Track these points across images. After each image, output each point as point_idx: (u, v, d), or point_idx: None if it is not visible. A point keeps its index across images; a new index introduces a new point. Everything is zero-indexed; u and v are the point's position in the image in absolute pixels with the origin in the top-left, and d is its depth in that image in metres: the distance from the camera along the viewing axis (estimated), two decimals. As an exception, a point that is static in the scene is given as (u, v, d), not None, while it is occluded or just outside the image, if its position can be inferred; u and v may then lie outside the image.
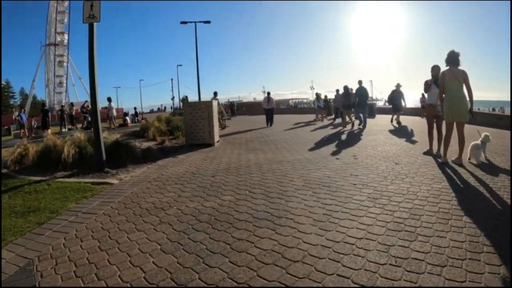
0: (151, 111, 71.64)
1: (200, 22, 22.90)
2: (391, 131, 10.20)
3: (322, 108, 17.39)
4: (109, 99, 16.03)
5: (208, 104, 8.60)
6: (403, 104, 12.87)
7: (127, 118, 15.78)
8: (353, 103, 11.94)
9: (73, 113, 23.12)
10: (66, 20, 47.73)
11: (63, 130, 19.13)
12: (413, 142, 7.67)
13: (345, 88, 12.75)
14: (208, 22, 23.04)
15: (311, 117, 19.00)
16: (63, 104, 28.79)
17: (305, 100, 65.98)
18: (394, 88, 12.94)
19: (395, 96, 12.66)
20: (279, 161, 5.95)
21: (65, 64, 51.91)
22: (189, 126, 8.77)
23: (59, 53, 50.20)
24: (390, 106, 13.64)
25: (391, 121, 12.83)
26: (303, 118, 19.23)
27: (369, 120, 13.20)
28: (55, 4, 45.62)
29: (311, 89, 79.15)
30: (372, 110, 17.08)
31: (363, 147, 7.27)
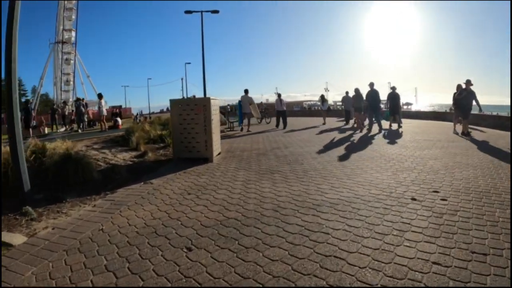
0: (161, 111, 70.11)
1: (207, 11, 20.59)
2: (453, 143, 7.51)
3: (326, 111, 17.28)
4: (99, 96, 13.80)
5: (205, 103, 6.14)
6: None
7: (118, 119, 13.56)
8: (364, 106, 11.69)
9: (66, 112, 21.33)
10: (73, 17, 46.31)
11: (54, 131, 17.15)
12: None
13: (356, 90, 12.38)
14: (216, 11, 20.65)
15: (328, 120, 16.59)
16: (54, 103, 26.94)
17: (319, 103, 62.85)
18: (390, 90, 12.59)
19: (392, 99, 12.34)
20: (316, 205, 3.40)
21: (72, 61, 50.61)
22: (177, 133, 6.33)
23: (66, 50, 48.90)
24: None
25: (390, 125, 12.18)
26: (320, 121, 16.67)
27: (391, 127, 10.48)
28: (64, 1, 44.29)
29: (326, 91, 76.23)
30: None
31: (445, 169, 4.66)
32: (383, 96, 12.75)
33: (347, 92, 15.79)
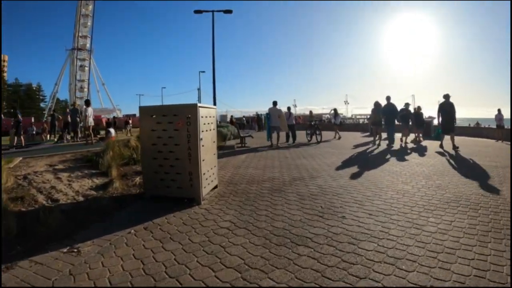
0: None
1: (219, 11, 18.69)
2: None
3: (338, 125, 16.02)
4: (87, 103, 11.98)
5: (189, 112, 3.95)
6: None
7: (110, 130, 11.71)
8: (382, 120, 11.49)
9: (69, 120, 19.88)
10: (89, 24, 46.33)
11: (50, 139, 15.46)
12: None
13: (376, 104, 11.77)
14: (230, 11, 18.68)
15: (354, 135, 14.39)
16: (54, 109, 25.72)
17: (329, 116, 59.79)
18: (403, 106, 12.43)
19: (405, 116, 12.13)
20: None
21: (86, 68, 50.60)
22: (149, 159, 4.21)
23: (81, 57, 48.93)
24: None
25: (402, 141, 11.56)
26: (345, 135, 14.35)
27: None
28: (80, 8, 44.31)
29: (345, 103, 73.44)
30: (428, 129, 15.42)
31: None
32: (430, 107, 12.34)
33: (376, 104, 13.57)
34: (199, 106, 3.98)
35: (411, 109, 13.05)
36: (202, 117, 4.05)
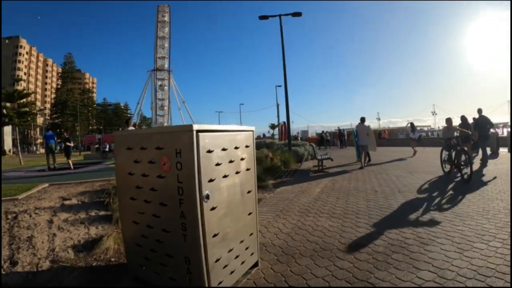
0: None
1: (287, 15, 16.82)
2: None
3: (416, 140, 13.84)
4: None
5: (180, 142, 1.95)
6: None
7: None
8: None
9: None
10: (166, 45, 49.99)
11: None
12: None
13: (463, 118, 10.19)
14: (299, 14, 16.62)
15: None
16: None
17: (425, 128, 51.80)
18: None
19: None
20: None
21: (166, 87, 54.46)
22: (127, 222, 2.39)
23: (160, 77, 52.96)
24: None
25: None
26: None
27: None
28: (157, 30, 48.23)
29: (433, 114, 63.94)
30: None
31: None
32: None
33: (480, 110, 10.10)
34: (201, 131, 1.94)
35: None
36: (210, 151, 2.03)
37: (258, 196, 5.68)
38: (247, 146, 2.60)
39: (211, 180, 2.00)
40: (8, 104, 23.19)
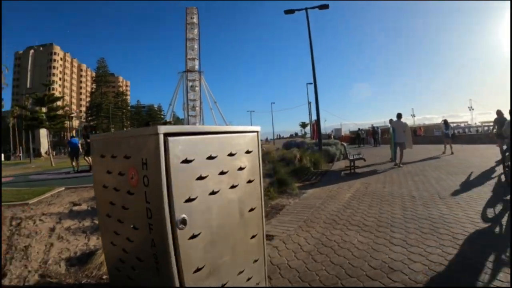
0: (278, 137, 69.93)
1: (314, 8, 16.05)
2: None
3: (449, 138, 13.28)
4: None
5: (146, 150, 1.51)
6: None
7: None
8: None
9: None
10: (196, 47, 50.75)
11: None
12: None
13: (498, 113, 9.22)
14: (326, 7, 15.79)
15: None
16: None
17: (462, 125, 47.70)
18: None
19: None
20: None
21: (197, 88, 55.41)
22: (109, 232, 2.22)
23: (191, 78, 53.95)
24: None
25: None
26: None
27: None
28: (187, 32, 49.11)
29: (470, 109, 58.86)
30: None
31: None
32: None
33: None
34: (172, 134, 1.48)
35: None
36: (188, 160, 1.57)
37: (282, 202, 5.22)
38: (248, 152, 2.09)
39: (189, 200, 1.56)
40: (40, 108, 24.55)
